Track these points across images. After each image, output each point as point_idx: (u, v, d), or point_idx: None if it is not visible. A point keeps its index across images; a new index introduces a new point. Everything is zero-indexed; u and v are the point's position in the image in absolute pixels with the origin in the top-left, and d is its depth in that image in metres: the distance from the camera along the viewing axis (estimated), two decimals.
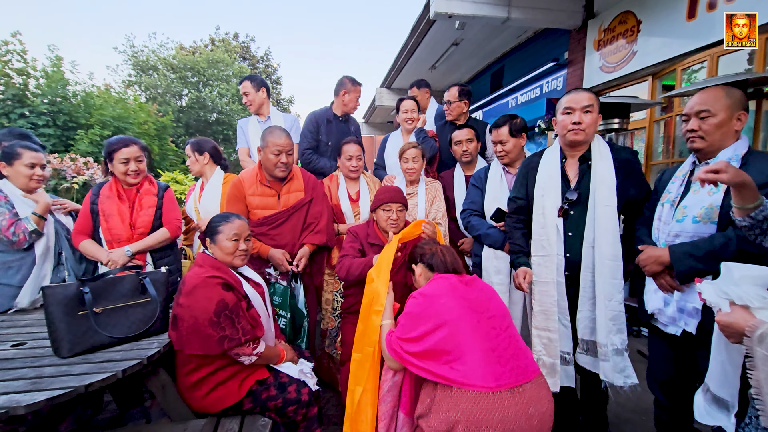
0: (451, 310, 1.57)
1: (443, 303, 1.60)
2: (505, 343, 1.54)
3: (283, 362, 1.96)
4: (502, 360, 1.48)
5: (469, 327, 1.53)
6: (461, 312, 1.56)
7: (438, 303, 1.61)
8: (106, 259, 2.34)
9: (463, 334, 1.51)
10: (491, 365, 1.45)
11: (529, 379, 1.48)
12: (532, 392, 1.45)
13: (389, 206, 2.37)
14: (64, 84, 10.09)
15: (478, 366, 1.44)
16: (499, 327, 1.59)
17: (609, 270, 1.95)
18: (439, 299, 1.62)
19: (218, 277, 1.74)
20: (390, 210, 2.37)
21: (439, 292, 1.66)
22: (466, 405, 1.38)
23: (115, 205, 2.43)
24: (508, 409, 1.38)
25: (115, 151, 2.41)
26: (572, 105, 2.02)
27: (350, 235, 2.52)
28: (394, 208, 2.36)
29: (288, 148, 2.48)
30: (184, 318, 1.69)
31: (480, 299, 1.66)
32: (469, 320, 1.54)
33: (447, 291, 1.66)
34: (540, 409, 1.43)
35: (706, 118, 1.64)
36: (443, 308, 1.58)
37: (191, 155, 2.98)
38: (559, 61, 6.32)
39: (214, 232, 1.90)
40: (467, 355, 1.46)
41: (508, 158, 2.51)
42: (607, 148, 2.07)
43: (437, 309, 1.59)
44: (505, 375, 1.44)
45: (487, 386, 1.40)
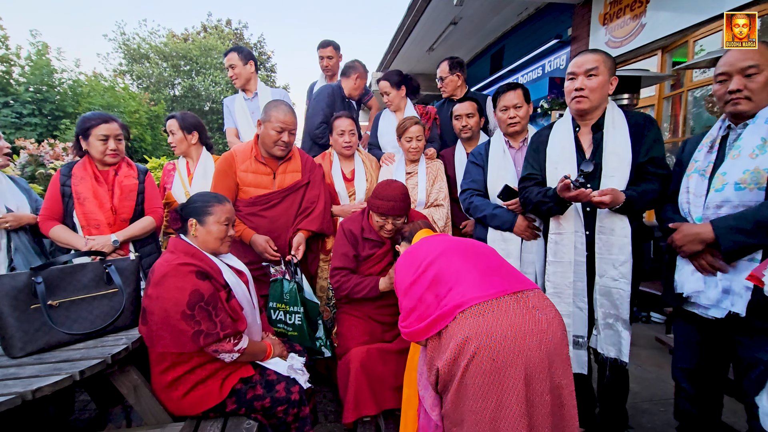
0: (435, 250, 1.54)
1: (425, 248, 1.59)
2: (499, 263, 1.49)
3: (270, 358, 1.76)
4: (498, 273, 1.42)
5: (458, 256, 1.49)
6: (446, 247, 1.54)
7: (419, 251, 1.61)
8: (86, 247, 2.12)
9: (454, 262, 1.46)
10: (488, 277, 1.38)
11: (531, 287, 1.39)
12: (536, 299, 1.35)
13: (385, 218, 2.12)
14: (50, 72, 9.77)
15: (476, 281, 1.36)
16: (490, 254, 1.54)
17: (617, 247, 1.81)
18: (420, 248, 1.63)
19: (191, 264, 1.53)
20: (385, 221, 2.13)
21: (419, 244, 1.69)
22: (471, 322, 1.27)
23: (91, 187, 2.21)
24: (515, 313, 1.28)
25: (93, 127, 2.18)
26: (574, 69, 1.83)
27: (341, 235, 2.26)
28: (391, 219, 2.12)
29: (292, 127, 2.27)
30: (154, 311, 1.48)
31: (463, 241, 1.64)
32: (456, 251, 1.51)
33: (427, 241, 1.67)
34: (548, 314, 1.31)
35: (754, 75, 1.45)
36: (426, 251, 1.57)
37: (177, 132, 2.71)
38: (563, 38, 6.07)
39: (203, 212, 1.69)
40: (463, 276, 1.40)
41: (520, 125, 2.27)
42: (621, 115, 1.86)
43: (420, 254, 1.57)
44: (504, 283, 1.36)
45: (487, 294, 1.31)
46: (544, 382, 1.25)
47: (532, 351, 1.23)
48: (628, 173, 1.78)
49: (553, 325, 1.29)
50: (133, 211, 2.31)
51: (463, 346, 1.25)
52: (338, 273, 2.20)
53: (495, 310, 1.27)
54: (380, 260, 2.25)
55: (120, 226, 2.26)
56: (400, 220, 2.13)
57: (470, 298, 1.31)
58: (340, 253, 2.23)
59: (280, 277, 2.19)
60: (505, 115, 2.27)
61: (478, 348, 1.22)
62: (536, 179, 2.01)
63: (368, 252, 2.23)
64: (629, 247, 1.79)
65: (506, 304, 1.29)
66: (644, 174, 1.78)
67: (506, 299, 1.30)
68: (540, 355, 1.25)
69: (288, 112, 2.25)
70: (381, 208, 2.08)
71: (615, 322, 1.84)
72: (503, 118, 2.28)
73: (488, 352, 1.22)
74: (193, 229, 1.68)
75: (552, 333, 1.28)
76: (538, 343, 1.25)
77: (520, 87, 2.25)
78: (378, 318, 2.24)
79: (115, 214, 2.25)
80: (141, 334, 1.57)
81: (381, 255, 2.24)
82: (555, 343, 1.28)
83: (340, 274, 2.20)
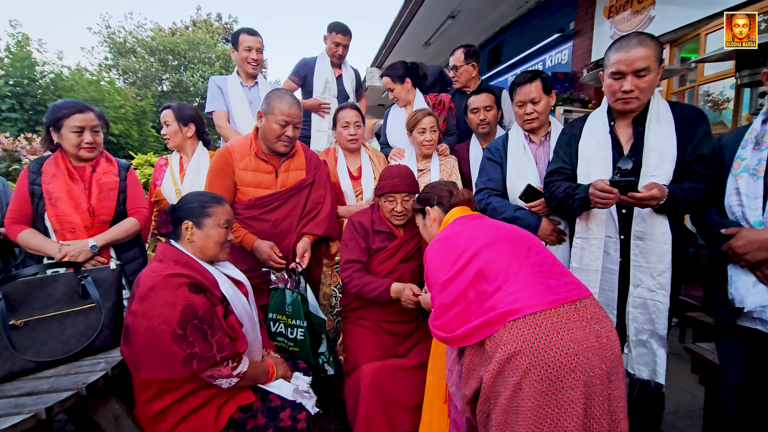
0: (479, 239, 1.35)
1: (468, 235, 1.39)
2: (551, 260, 1.30)
3: (273, 380, 1.55)
4: (553, 274, 1.23)
5: (507, 248, 1.30)
6: (493, 235, 1.36)
7: (459, 237, 1.41)
8: (60, 254, 1.88)
9: (502, 255, 1.27)
10: (543, 279, 1.20)
11: (587, 294, 1.21)
12: (593, 308, 1.19)
13: (392, 196, 2.02)
14: (31, 64, 9.37)
15: (529, 283, 1.18)
16: (540, 248, 1.35)
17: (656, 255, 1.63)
18: (461, 234, 1.43)
19: (183, 275, 1.31)
20: (394, 201, 2.02)
21: (458, 229, 1.48)
22: (525, 333, 1.10)
23: (65, 185, 1.96)
24: (575, 325, 1.11)
25: (65, 117, 1.94)
26: (622, 68, 1.59)
27: (350, 228, 2.11)
28: (399, 198, 2.00)
29: (298, 120, 2.05)
30: (139, 330, 1.26)
31: (507, 227, 1.44)
32: (505, 242, 1.33)
33: (468, 226, 1.47)
34: (606, 327, 1.16)
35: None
36: (469, 238, 1.37)
37: (172, 123, 2.46)
38: (565, 32, 5.90)
39: (201, 214, 1.47)
40: (514, 275, 1.21)
41: (538, 122, 2.07)
42: (667, 107, 1.67)
43: (461, 242, 1.38)
44: (561, 288, 1.19)
45: (545, 301, 1.13)
46: (603, 404, 1.10)
47: (593, 369, 1.08)
48: (671, 172, 1.60)
49: (612, 339, 1.15)
50: (113, 212, 2.08)
51: (513, 360, 1.10)
52: (350, 267, 2.04)
53: (554, 322, 1.11)
54: (392, 254, 2.07)
55: (99, 230, 2.02)
56: (409, 200, 2.03)
57: (525, 305, 1.13)
58: (352, 245, 2.07)
59: (281, 285, 1.98)
60: (522, 110, 2.07)
61: (533, 365, 1.07)
62: (566, 174, 1.82)
63: (379, 245, 2.07)
64: (669, 254, 1.61)
65: (566, 314, 1.12)
66: (689, 173, 1.59)
67: (565, 309, 1.13)
68: (601, 374, 1.09)
69: (293, 104, 2.02)
70: (385, 187, 2.01)
71: (649, 338, 1.67)
72: (519, 113, 2.09)
73: (545, 370, 1.07)
74: (189, 233, 1.45)
75: (611, 348, 1.13)
76: (600, 361, 1.09)
77: (539, 77, 2.04)
78: (389, 328, 2.03)
79: (93, 216, 2.01)
80: (123, 357, 1.35)
81: (393, 249, 2.07)
82: (614, 360, 1.13)
83: (352, 268, 2.03)
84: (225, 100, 2.91)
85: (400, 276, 2.05)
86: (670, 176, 1.59)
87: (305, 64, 3.27)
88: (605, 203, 1.54)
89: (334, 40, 3.13)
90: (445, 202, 1.67)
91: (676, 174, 1.60)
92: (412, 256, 2.09)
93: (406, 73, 2.81)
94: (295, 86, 3.28)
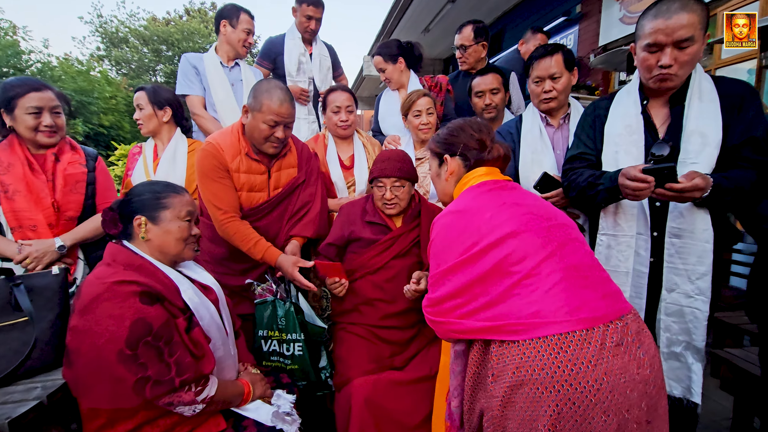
0: (504, 223, 1.05)
1: (490, 217, 1.08)
2: (589, 260, 1.04)
3: (249, 402, 1.33)
4: (590, 281, 0.98)
5: (537, 240, 1.02)
6: (521, 223, 1.05)
7: (481, 218, 1.09)
8: (20, 255, 1.64)
9: (530, 249, 1.00)
10: (577, 287, 0.95)
11: (628, 308, 0.97)
12: (635, 326, 0.94)
13: (381, 182, 1.81)
14: (17, 53, 9.06)
15: (558, 292, 0.94)
16: (578, 241, 1.08)
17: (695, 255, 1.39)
18: (481, 213, 1.10)
19: (134, 282, 1.08)
20: (383, 187, 1.81)
21: (480, 203, 1.14)
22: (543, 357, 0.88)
23: (24, 176, 1.71)
24: (612, 352, 0.87)
25: (19, 96, 1.67)
26: (660, 38, 1.33)
27: (341, 216, 1.92)
28: (388, 184, 1.79)
29: (289, 120, 1.77)
30: (80, 350, 1.04)
31: (541, 209, 1.13)
32: (535, 233, 1.04)
33: (493, 202, 1.13)
34: (650, 352, 0.93)
35: None
36: (492, 223, 1.07)
37: (146, 107, 2.20)
38: (571, 16, 5.64)
39: (157, 206, 1.24)
40: (540, 278, 0.96)
41: (557, 101, 1.82)
42: (711, 84, 1.42)
43: (483, 223, 1.08)
44: (599, 302, 0.94)
45: (578, 318, 0.90)
46: None
47: (631, 409, 0.86)
48: (715, 159, 1.36)
49: (656, 368, 0.92)
50: (81, 208, 1.84)
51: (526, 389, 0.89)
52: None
53: (584, 347, 0.87)
54: (386, 249, 1.83)
55: (65, 227, 1.78)
56: (402, 187, 1.80)
57: (549, 321, 0.90)
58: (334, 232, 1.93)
59: (269, 297, 1.74)
60: (539, 88, 1.82)
61: (553, 399, 0.86)
62: (589, 161, 1.58)
63: (369, 236, 1.85)
64: (711, 255, 1.38)
65: (601, 337, 0.89)
66: (736, 160, 1.35)
67: (600, 330, 0.90)
68: (639, 414, 0.87)
69: (284, 100, 1.72)
70: (374, 171, 1.81)
71: (684, 350, 1.44)
72: (536, 92, 1.84)
73: (569, 408, 0.85)
74: (143, 230, 1.22)
75: (655, 381, 0.91)
76: (640, 398, 0.87)
77: (561, 50, 1.80)
78: (385, 336, 1.81)
79: (58, 212, 1.77)
80: (65, 380, 1.13)
81: (387, 242, 1.83)
82: (657, 395, 0.91)
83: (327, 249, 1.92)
84: (201, 82, 2.60)
85: (395, 274, 1.82)
86: (713, 163, 1.36)
87: (273, 44, 2.93)
88: (638, 195, 1.31)
89: (305, 13, 2.78)
90: (471, 156, 1.29)
91: (719, 161, 1.37)
92: (409, 251, 1.85)
93: (399, 52, 2.56)
94: (267, 72, 2.96)
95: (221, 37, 2.64)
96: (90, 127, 10.27)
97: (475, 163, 1.28)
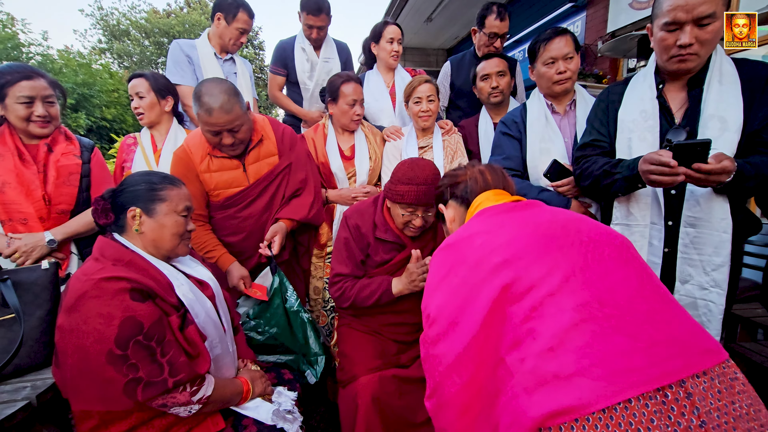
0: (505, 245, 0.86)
1: (481, 243, 0.90)
2: (634, 287, 0.78)
3: (249, 400, 1.28)
4: (624, 324, 0.72)
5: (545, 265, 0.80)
6: (525, 243, 0.86)
7: (470, 247, 0.91)
8: (9, 249, 1.60)
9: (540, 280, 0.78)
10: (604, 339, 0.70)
11: (702, 367, 0.69)
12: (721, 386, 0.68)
13: (412, 207, 1.55)
14: (16, 45, 9.01)
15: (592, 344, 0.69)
16: (610, 257, 0.83)
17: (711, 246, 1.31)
18: (477, 237, 0.92)
19: (123, 279, 1.03)
20: (413, 213, 1.56)
21: (477, 228, 0.96)
22: None
23: (14, 168, 1.66)
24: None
25: (10, 84, 1.61)
26: (680, 16, 1.25)
27: (345, 232, 1.70)
28: (420, 212, 1.56)
29: (229, 125, 1.64)
30: (67, 351, 0.99)
31: (558, 220, 0.93)
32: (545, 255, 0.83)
33: (490, 224, 0.96)
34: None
35: None
36: (483, 251, 0.88)
37: (147, 95, 2.11)
38: (577, 2, 5.50)
39: (153, 198, 1.18)
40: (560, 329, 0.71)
41: (571, 83, 1.75)
42: (731, 65, 1.34)
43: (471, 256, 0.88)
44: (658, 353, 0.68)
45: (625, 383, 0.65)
46: None
47: None
48: (735, 145, 1.28)
49: None
50: (75, 201, 1.78)
51: None
52: (340, 280, 1.68)
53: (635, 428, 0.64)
54: (398, 269, 1.69)
55: (56, 221, 1.73)
56: (431, 212, 1.57)
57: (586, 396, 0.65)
58: (344, 256, 1.69)
59: None
60: (552, 69, 1.73)
61: None
62: (602, 148, 1.51)
63: (382, 257, 1.68)
64: (728, 246, 1.30)
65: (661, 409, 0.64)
66: (758, 145, 1.28)
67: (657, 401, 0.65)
68: None
69: (214, 108, 1.59)
70: (408, 196, 1.50)
71: None
72: (549, 74, 1.74)
73: None
74: (137, 222, 1.16)
75: None
76: None
77: (569, 33, 1.73)
78: (390, 335, 1.75)
79: (50, 205, 1.71)
80: (55, 380, 1.08)
81: (399, 263, 1.69)
82: None
83: (342, 280, 1.68)
84: (195, 72, 2.49)
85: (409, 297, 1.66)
86: (733, 149, 1.28)
87: (283, 49, 2.77)
88: (664, 180, 1.22)
89: (307, 22, 2.61)
90: (460, 192, 1.17)
91: (740, 147, 1.29)
92: None
93: None
94: (282, 78, 2.80)
95: (214, 28, 2.51)
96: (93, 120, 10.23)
97: (471, 196, 1.14)
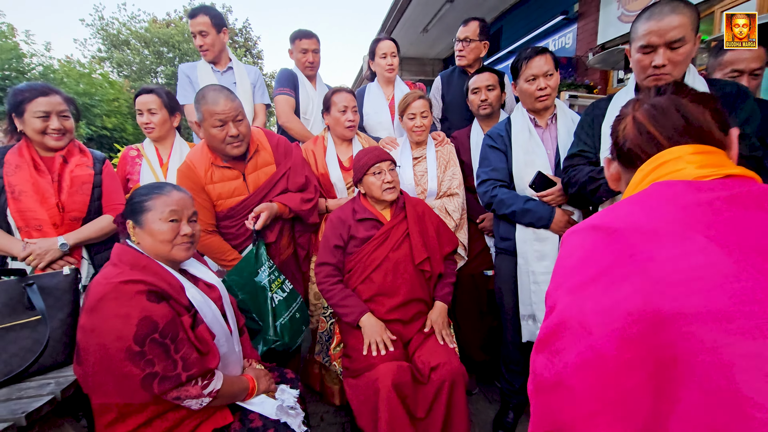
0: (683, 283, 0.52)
1: (675, 255, 0.55)
2: None
3: (254, 396, 1.37)
4: None
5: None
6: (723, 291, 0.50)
7: (659, 255, 0.56)
8: (24, 252, 1.69)
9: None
10: None
11: None
12: None
13: (379, 167, 1.88)
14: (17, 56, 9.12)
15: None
16: None
17: None
18: (661, 245, 0.57)
19: (140, 282, 1.13)
20: (382, 172, 1.89)
21: (656, 225, 0.60)
22: None
23: (30, 177, 1.77)
24: None
25: (27, 101, 1.74)
26: (653, 40, 1.37)
27: (329, 225, 1.95)
28: (385, 168, 1.89)
29: (234, 113, 1.80)
30: (89, 349, 1.08)
31: None
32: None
33: (682, 218, 0.59)
34: None
35: None
36: (681, 269, 0.53)
37: (159, 111, 2.20)
38: (569, 15, 5.66)
39: (139, 209, 1.27)
40: None
41: (551, 99, 1.87)
42: (704, 84, 1.46)
43: (659, 269, 0.55)
44: None
45: None
46: None
47: None
48: None
49: None
50: (86, 209, 1.88)
51: None
52: (323, 270, 1.91)
53: None
54: (381, 243, 1.89)
55: (69, 227, 1.83)
56: (393, 170, 1.92)
57: None
58: (326, 246, 1.93)
59: None
60: (534, 86, 1.85)
61: None
62: (588, 158, 1.63)
63: (364, 234, 1.91)
64: None
65: None
66: None
67: None
68: None
69: (222, 98, 1.78)
70: (370, 160, 1.89)
71: None
72: (530, 90, 1.86)
73: None
74: (133, 234, 1.27)
75: None
76: None
77: (549, 51, 1.85)
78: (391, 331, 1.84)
79: (63, 212, 1.82)
80: (76, 377, 1.17)
81: (381, 237, 1.90)
82: None
83: (324, 272, 1.91)
84: (195, 90, 2.56)
85: (394, 267, 1.85)
86: None
87: (290, 74, 2.72)
88: None
89: (301, 48, 2.64)
90: (621, 144, 0.83)
91: None
92: (401, 243, 1.89)
93: None
94: (293, 99, 2.70)
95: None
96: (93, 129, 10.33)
97: (627, 152, 0.81)
